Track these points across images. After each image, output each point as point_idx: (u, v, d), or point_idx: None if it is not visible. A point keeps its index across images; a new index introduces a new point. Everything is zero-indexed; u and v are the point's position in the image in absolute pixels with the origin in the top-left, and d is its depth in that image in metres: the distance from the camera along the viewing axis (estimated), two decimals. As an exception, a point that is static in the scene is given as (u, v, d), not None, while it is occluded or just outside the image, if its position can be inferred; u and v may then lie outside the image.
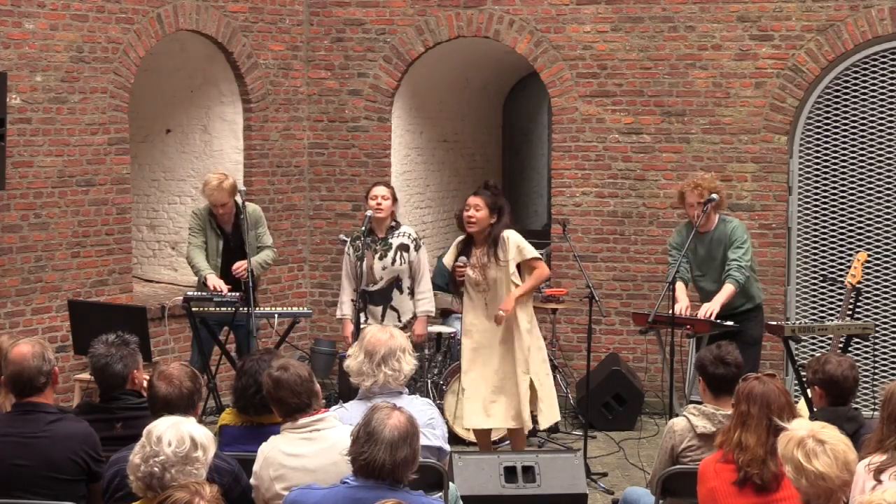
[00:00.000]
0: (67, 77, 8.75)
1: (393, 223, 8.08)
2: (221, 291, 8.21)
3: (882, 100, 9.38)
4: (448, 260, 7.75)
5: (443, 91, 11.28)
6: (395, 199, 8.13)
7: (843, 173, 9.48)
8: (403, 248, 8.00)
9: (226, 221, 8.51)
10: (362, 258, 7.91)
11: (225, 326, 8.62)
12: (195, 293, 8.34)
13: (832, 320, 8.23)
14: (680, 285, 7.83)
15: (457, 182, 11.85)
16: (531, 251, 7.58)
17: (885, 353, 9.46)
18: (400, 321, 7.97)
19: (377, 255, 7.97)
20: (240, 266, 8.22)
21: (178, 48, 9.90)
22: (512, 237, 7.55)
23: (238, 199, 8.45)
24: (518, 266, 7.56)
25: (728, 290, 7.62)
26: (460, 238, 7.74)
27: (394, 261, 7.98)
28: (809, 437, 3.98)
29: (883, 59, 9.36)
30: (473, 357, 7.62)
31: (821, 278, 9.52)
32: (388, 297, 8.01)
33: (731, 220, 7.92)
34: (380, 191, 8.08)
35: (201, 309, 8.32)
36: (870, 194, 9.45)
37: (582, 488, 5.85)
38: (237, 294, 8.19)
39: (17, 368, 5.04)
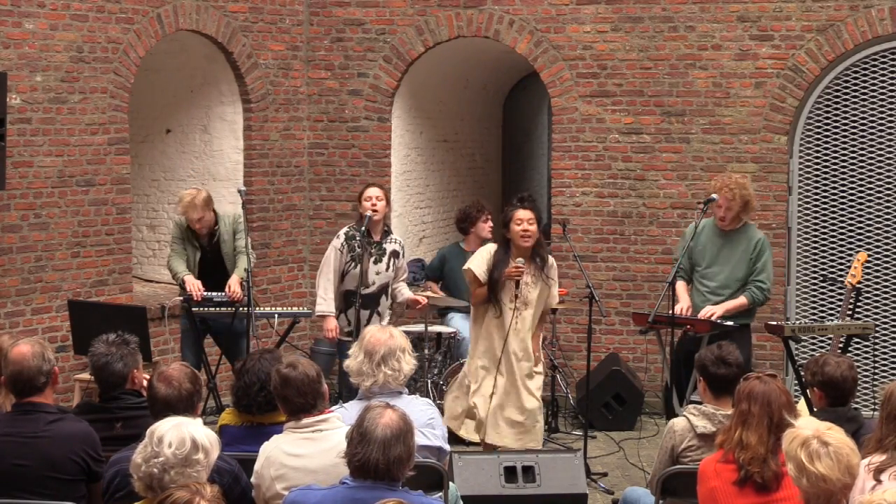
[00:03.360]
0: (67, 77, 8.75)
1: (385, 227, 8.09)
2: (197, 292, 8.25)
3: (882, 100, 9.38)
4: (477, 267, 7.32)
5: (443, 91, 11.28)
6: (387, 202, 8.13)
7: (843, 173, 9.48)
8: (395, 255, 8.06)
9: (203, 235, 8.54)
10: (359, 260, 7.90)
11: (214, 332, 8.68)
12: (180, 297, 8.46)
13: (832, 320, 8.22)
14: (681, 284, 7.82)
15: (457, 182, 11.85)
16: (555, 294, 7.52)
17: (885, 353, 9.46)
18: (381, 324, 7.92)
19: (373, 259, 7.96)
20: (234, 293, 8.29)
21: (178, 48, 9.89)
22: (553, 260, 7.45)
23: (224, 206, 8.57)
24: None
25: (740, 301, 7.61)
26: (491, 248, 7.41)
27: (388, 267, 8.00)
28: (814, 438, 3.98)
29: (883, 59, 9.36)
30: (486, 374, 7.40)
31: (821, 278, 9.52)
32: (377, 301, 8.00)
33: (758, 232, 7.86)
34: (374, 192, 8.07)
35: (201, 310, 8.35)
36: (870, 194, 9.45)
37: (582, 488, 5.86)
38: (222, 294, 8.32)
39: (17, 368, 5.05)
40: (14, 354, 5.10)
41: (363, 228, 7.94)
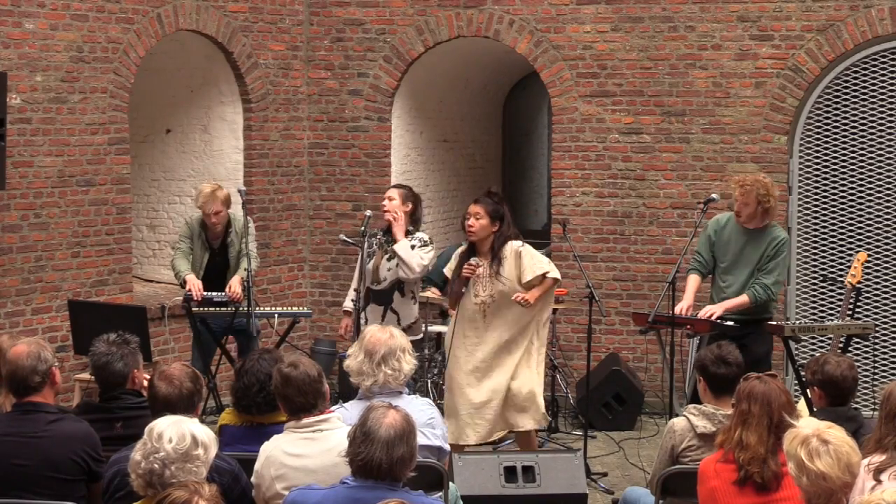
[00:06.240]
0: (67, 77, 8.75)
1: (410, 227, 7.94)
2: (198, 292, 8.25)
3: (882, 100, 9.38)
4: (448, 269, 7.54)
5: (443, 91, 11.28)
6: (405, 201, 7.90)
7: (843, 173, 9.48)
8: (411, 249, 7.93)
9: (216, 235, 8.52)
10: (371, 255, 7.88)
11: (228, 335, 8.63)
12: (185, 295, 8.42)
13: (832, 320, 8.22)
14: (694, 278, 7.73)
15: (457, 182, 11.85)
16: (534, 268, 7.27)
17: (885, 353, 9.46)
18: (399, 324, 7.82)
19: (386, 256, 7.91)
20: (235, 293, 8.28)
21: (178, 48, 9.90)
22: (511, 252, 7.29)
23: (238, 209, 8.52)
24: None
25: (741, 299, 7.45)
26: (462, 248, 7.52)
27: (399, 263, 7.92)
28: (814, 437, 3.98)
29: (883, 59, 9.37)
30: (463, 375, 7.41)
31: (821, 278, 9.52)
32: (389, 298, 7.93)
33: (782, 232, 7.68)
34: (390, 192, 8.00)
35: (201, 310, 8.35)
36: (870, 194, 9.45)
37: (582, 488, 5.86)
38: (223, 294, 8.30)
39: (12, 368, 5.07)
40: (10, 354, 5.12)
41: (364, 227, 7.92)
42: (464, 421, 7.38)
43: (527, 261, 7.31)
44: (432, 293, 9.38)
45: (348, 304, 8.08)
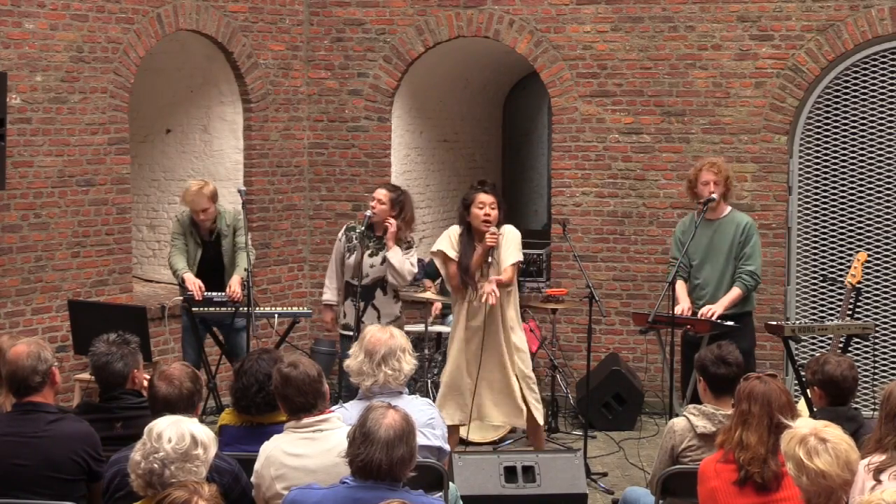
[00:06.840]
0: (67, 77, 8.75)
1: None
2: (198, 291, 8.25)
3: (882, 100, 9.38)
4: (446, 247, 7.41)
5: (443, 91, 11.28)
6: (393, 205, 8.02)
7: (843, 173, 9.48)
8: None
9: (206, 230, 8.52)
10: (352, 250, 7.96)
11: (213, 327, 8.66)
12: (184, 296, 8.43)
13: (832, 320, 8.23)
14: (681, 283, 7.80)
15: (457, 182, 11.85)
16: (509, 257, 7.35)
17: (885, 353, 9.46)
18: (379, 321, 7.85)
19: (368, 252, 7.98)
20: (235, 293, 8.28)
21: (178, 48, 9.90)
22: (507, 236, 7.40)
23: (226, 203, 8.53)
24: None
25: (735, 293, 7.60)
26: (456, 231, 7.46)
27: (383, 261, 7.97)
28: (812, 435, 3.99)
29: (883, 59, 9.37)
30: (469, 361, 7.44)
31: (821, 278, 9.52)
32: (371, 295, 8.00)
33: (745, 216, 7.87)
34: (379, 193, 8.09)
35: (201, 309, 8.35)
36: (870, 194, 9.45)
37: (582, 488, 5.86)
38: (223, 294, 8.30)
39: (12, 368, 5.08)
40: (10, 354, 5.13)
41: (363, 226, 7.95)
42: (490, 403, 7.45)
43: (504, 245, 7.38)
44: (425, 287, 9.38)
45: (330, 298, 8.25)
